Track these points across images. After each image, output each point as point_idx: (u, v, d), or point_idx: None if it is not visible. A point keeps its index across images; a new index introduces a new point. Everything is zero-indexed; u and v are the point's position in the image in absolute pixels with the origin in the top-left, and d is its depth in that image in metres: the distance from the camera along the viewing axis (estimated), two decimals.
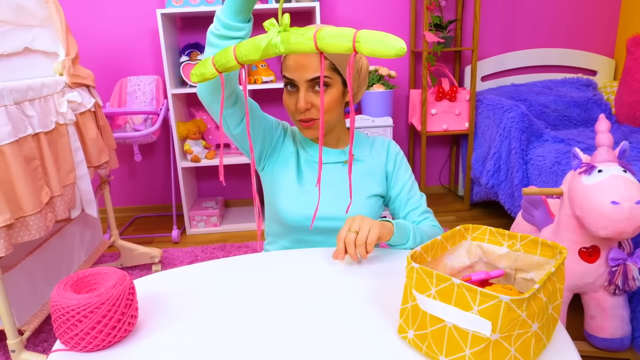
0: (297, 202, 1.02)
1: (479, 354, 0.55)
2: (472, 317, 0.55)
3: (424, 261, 0.70)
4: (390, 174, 1.09)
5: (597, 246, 1.31)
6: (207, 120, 2.70)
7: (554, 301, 0.63)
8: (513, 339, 0.55)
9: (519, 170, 2.21)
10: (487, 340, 0.55)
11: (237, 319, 0.73)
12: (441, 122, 2.66)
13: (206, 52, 0.85)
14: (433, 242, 0.72)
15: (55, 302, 0.66)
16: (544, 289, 0.59)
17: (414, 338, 0.62)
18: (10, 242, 1.30)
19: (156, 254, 2.18)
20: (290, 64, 0.94)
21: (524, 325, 0.56)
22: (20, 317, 1.49)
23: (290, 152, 1.07)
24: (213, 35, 0.83)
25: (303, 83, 0.94)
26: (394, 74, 2.62)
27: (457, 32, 2.77)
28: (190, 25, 2.71)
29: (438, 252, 0.73)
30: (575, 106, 2.61)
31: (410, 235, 0.95)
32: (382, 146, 1.11)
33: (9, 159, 1.29)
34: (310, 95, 0.95)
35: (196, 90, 0.94)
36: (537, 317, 0.57)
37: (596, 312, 1.42)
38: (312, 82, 0.93)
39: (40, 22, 1.85)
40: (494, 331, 0.54)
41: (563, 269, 0.64)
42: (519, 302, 0.54)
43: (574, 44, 2.88)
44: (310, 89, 0.95)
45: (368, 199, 1.05)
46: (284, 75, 0.97)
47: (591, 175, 1.21)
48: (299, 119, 0.97)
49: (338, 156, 1.07)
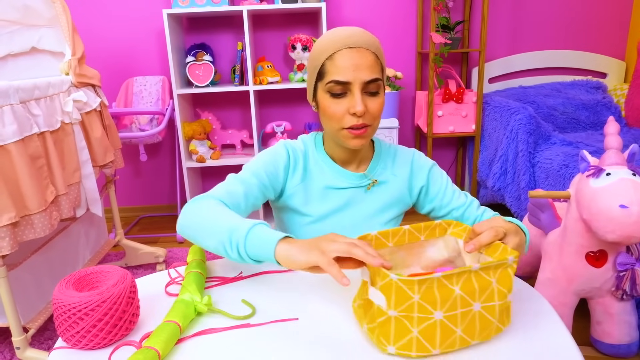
0: (312, 234, 0.95)
1: (382, 325, 0.61)
2: (375, 291, 0.61)
3: (383, 246, 0.73)
4: (424, 189, 1.01)
5: (604, 250, 1.30)
6: (212, 120, 2.70)
7: (486, 300, 0.62)
8: (415, 321, 0.60)
9: (526, 173, 2.19)
10: (386, 314, 0.60)
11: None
12: (447, 124, 2.64)
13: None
14: (397, 230, 0.73)
15: (57, 300, 0.66)
16: (464, 283, 0.61)
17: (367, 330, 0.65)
18: (15, 240, 1.31)
19: (161, 254, 2.19)
20: (343, 64, 0.85)
21: (422, 309, 0.60)
22: (25, 314, 1.49)
23: (297, 183, 0.97)
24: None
25: (359, 85, 0.85)
26: (401, 75, 2.61)
27: (464, 33, 2.75)
28: (197, 25, 2.72)
29: (405, 241, 0.74)
30: (584, 109, 2.58)
31: (528, 242, 0.83)
32: (406, 161, 1.01)
33: (15, 158, 1.29)
34: (365, 99, 0.87)
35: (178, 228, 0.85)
36: (442, 306, 0.60)
37: (603, 318, 1.41)
38: (369, 83, 0.86)
39: (47, 22, 1.86)
40: (389, 307, 0.60)
41: (509, 274, 0.63)
42: (409, 283, 0.58)
43: (583, 46, 2.85)
44: (364, 92, 0.87)
45: (387, 223, 1.00)
46: (333, 80, 0.86)
47: (599, 178, 1.19)
48: (351, 126, 0.87)
49: (359, 180, 0.98)
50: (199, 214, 0.82)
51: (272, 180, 0.94)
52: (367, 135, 0.90)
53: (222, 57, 2.76)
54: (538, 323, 0.70)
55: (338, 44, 0.86)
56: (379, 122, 0.92)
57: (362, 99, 0.86)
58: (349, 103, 0.87)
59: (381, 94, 0.89)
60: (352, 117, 0.87)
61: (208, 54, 2.54)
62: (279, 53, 2.78)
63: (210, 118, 2.71)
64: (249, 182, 0.91)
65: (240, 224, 0.75)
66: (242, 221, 0.76)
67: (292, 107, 2.87)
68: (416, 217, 2.12)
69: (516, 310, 0.73)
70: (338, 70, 0.85)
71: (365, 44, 0.86)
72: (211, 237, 0.77)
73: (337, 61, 0.86)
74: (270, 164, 0.95)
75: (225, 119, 2.87)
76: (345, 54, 0.85)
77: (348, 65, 0.85)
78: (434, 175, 1.01)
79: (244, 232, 0.73)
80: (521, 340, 0.65)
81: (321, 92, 0.90)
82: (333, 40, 0.87)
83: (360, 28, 0.90)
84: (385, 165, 1.00)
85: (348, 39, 0.86)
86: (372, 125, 0.89)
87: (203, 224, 0.80)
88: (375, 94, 0.88)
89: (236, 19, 2.69)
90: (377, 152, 1.01)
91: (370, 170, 0.99)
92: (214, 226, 0.78)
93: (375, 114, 0.88)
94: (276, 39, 2.75)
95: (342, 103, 0.87)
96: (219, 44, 2.74)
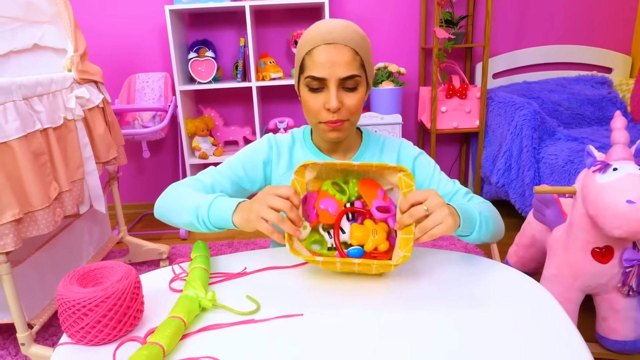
0: None
1: None
2: None
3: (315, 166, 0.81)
4: None
5: (610, 246, 1.29)
6: (215, 117, 2.70)
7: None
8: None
9: (531, 169, 2.18)
10: None
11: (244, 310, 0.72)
12: (451, 120, 2.63)
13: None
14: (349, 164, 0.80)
15: (61, 296, 0.65)
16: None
17: None
18: (19, 237, 1.31)
19: (164, 250, 2.19)
20: (320, 60, 0.86)
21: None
22: (29, 311, 1.49)
23: (283, 172, 1.00)
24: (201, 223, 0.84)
25: (335, 81, 0.87)
26: (404, 70, 2.59)
27: (468, 28, 2.73)
28: (199, 21, 2.71)
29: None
30: (589, 104, 2.57)
31: (475, 227, 0.83)
32: (393, 149, 1.02)
33: (18, 154, 1.29)
34: (340, 95, 0.88)
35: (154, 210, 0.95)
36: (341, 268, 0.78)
37: (608, 314, 1.40)
38: (345, 80, 0.87)
39: (49, 19, 1.86)
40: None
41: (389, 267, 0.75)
42: (323, 264, 0.77)
43: (588, 41, 2.83)
44: (341, 88, 0.88)
45: None
46: (310, 75, 0.88)
47: (606, 174, 1.18)
48: (327, 120, 0.90)
49: None
50: (170, 198, 0.92)
51: (249, 172, 1.00)
52: (344, 129, 0.92)
53: (225, 53, 2.75)
54: (544, 319, 0.69)
55: (317, 40, 0.87)
56: (359, 116, 0.94)
57: (339, 95, 0.88)
58: (325, 98, 0.89)
59: (360, 89, 0.90)
60: (328, 112, 0.89)
61: (210, 50, 2.53)
62: (281, 49, 2.77)
63: (213, 114, 2.70)
64: (222, 174, 0.98)
65: (202, 200, 0.84)
66: (204, 197, 0.84)
67: (295, 103, 2.86)
68: None
69: (522, 305, 0.73)
70: (315, 66, 0.87)
71: (343, 40, 0.86)
72: (182, 216, 0.86)
73: (315, 57, 0.87)
74: (249, 156, 1.01)
75: (228, 115, 2.86)
76: (323, 50, 0.86)
77: (324, 61, 0.86)
78: (420, 164, 1.02)
79: (205, 208, 0.82)
80: (527, 336, 0.65)
81: (302, 86, 0.92)
82: (313, 35, 0.88)
83: (345, 22, 0.89)
84: (373, 154, 1.02)
85: (327, 34, 0.86)
86: (350, 119, 0.91)
87: (174, 206, 0.89)
88: (353, 89, 0.89)
89: (238, 14, 2.68)
90: (364, 141, 1.03)
91: (355, 158, 1.01)
92: (183, 206, 0.86)
93: (353, 109, 0.90)
94: (279, 35, 2.74)
95: (319, 98, 0.89)
96: (221, 40, 2.73)
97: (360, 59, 0.88)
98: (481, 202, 0.95)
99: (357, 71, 0.88)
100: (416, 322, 0.69)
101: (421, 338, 0.65)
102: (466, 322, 0.69)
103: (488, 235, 0.87)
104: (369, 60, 0.92)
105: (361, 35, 0.89)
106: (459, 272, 0.83)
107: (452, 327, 0.67)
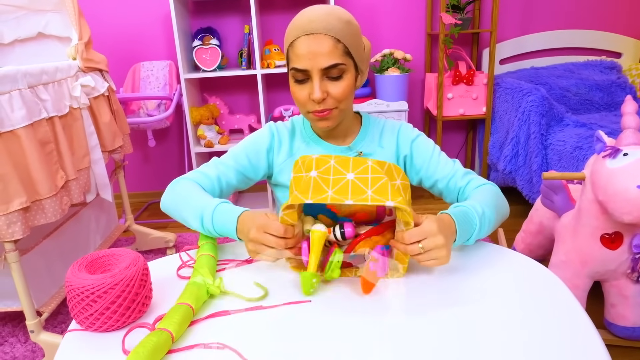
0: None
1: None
2: None
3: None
4: (407, 159, 1.01)
5: (620, 232, 1.28)
6: (220, 105, 2.69)
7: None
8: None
9: (538, 155, 2.16)
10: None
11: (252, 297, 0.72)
12: (458, 107, 2.61)
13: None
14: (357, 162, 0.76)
15: (70, 282, 0.65)
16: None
17: None
18: (27, 225, 1.31)
19: (171, 238, 2.20)
20: (301, 52, 0.86)
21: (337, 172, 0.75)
22: (38, 298, 1.51)
23: (284, 160, 1.01)
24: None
25: (317, 72, 0.86)
26: (410, 57, 2.57)
27: (475, 13, 2.69)
28: (203, 9, 2.69)
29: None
30: (598, 90, 2.53)
31: (474, 233, 0.82)
32: (392, 132, 1.02)
33: (24, 143, 1.29)
34: (325, 84, 0.88)
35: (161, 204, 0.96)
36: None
37: (617, 300, 1.39)
38: (327, 69, 0.86)
39: (53, 7, 1.85)
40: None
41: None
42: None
43: (597, 25, 2.78)
44: (325, 77, 0.88)
45: None
46: (293, 67, 0.88)
47: (616, 159, 1.17)
48: (313, 110, 0.90)
49: (344, 153, 0.99)
50: (176, 196, 0.93)
51: (253, 161, 1.00)
52: (332, 117, 0.91)
53: (229, 41, 2.73)
54: (555, 305, 0.69)
55: (297, 31, 0.86)
56: (348, 102, 0.93)
57: (323, 85, 0.87)
58: (310, 89, 0.88)
59: (346, 76, 0.89)
60: (314, 102, 0.89)
61: (215, 38, 2.51)
62: None
63: (218, 103, 2.69)
64: (226, 165, 0.98)
65: (205, 205, 0.86)
66: (207, 203, 0.86)
67: None
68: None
69: (532, 292, 0.72)
70: (297, 58, 0.87)
71: (324, 30, 0.84)
72: (188, 219, 0.88)
73: (296, 49, 0.87)
74: (252, 145, 1.01)
75: (233, 103, 2.85)
76: (303, 42, 0.85)
77: (305, 53, 0.85)
78: (419, 146, 1.01)
79: (209, 216, 0.84)
80: (538, 322, 0.64)
81: (290, 77, 0.92)
82: (294, 27, 0.88)
83: (328, 8, 0.87)
84: (373, 138, 1.02)
85: (307, 25, 0.85)
86: (338, 107, 0.91)
87: (179, 206, 0.90)
88: (338, 78, 0.88)
89: (243, 1, 2.65)
90: (364, 125, 1.02)
91: (355, 143, 1.00)
92: (187, 208, 0.88)
93: (339, 97, 0.89)
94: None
95: (304, 88, 0.89)
96: (225, 28, 2.71)
97: (343, 46, 0.86)
98: (482, 188, 0.92)
99: (340, 59, 0.86)
100: (427, 309, 0.69)
101: (432, 324, 0.65)
102: (477, 309, 0.68)
103: (489, 231, 0.86)
104: (356, 45, 0.89)
105: (345, 20, 0.87)
106: (468, 259, 0.83)
107: (464, 313, 0.67)
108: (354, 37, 0.88)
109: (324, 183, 0.73)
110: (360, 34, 0.91)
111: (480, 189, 0.92)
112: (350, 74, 0.89)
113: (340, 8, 0.89)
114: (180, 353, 0.61)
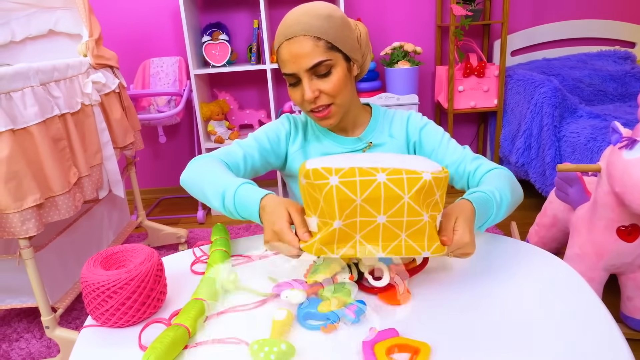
0: None
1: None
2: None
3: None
4: (417, 145, 1.00)
5: (637, 224, 1.26)
6: (229, 100, 2.69)
7: None
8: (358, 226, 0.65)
9: (551, 147, 2.13)
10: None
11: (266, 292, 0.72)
12: (469, 99, 2.58)
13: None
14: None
15: (86, 278, 0.66)
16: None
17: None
18: (41, 222, 1.33)
19: (182, 234, 2.21)
20: (285, 58, 0.87)
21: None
22: (52, 294, 1.52)
23: (297, 149, 1.01)
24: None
25: (304, 73, 0.87)
26: (420, 50, 2.54)
27: (485, 4, 2.66)
28: (212, 4, 2.68)
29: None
30: (611, 80, 2.49)
31: (489, 220, 0.80)
32: (402, 121, 1.02)
33: (37, 140, 1.30)
34: (315, 83, 0.88)
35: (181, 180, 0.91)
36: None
37: (634, 293, 1.37)
38: (313, 68, 0.86)
39: (63, 4, 1.85)
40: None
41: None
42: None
43: (610, 14, 2.73)
44: (314, 76, 0.88)
45: None
46: (283, 72, 0.90)
47: (633, 150, 1.14)
48: (311, 109, 0.91)
49: (354, 144, 1.00)
50: (198, 172, 0.89)
51: (274, 145, 1.00)
52: (332, 115, 0.92)
53: (238, 36, 2.73)
54: (572, 297, 0.68)
55: (280, 37, 0.88)
56: (344, 96, 0.91)
57: (313, 84, 0.88)
58: (302, 90, 0.89)
59: (335, 72, 0.88)
60: (308, 102, 0.89)
61: (224, 33, 2.51)
62: None
63: (228, 98, 2.69)
64: (249, 145, 0.97)
65: (228, 184, 0.81)
66: (230, 182, 0.81)
67: None
68: None
69: (549, 284, 0.71)
70: (283, 64, 0.89)
71: (302, 31, 0.85)
72: (208, 196, 0.83)
73: (281, 55, 0.89)
74: (273, 130, 1.01)
75: (243, 98, 2.85)
76: (285, 48, 0.87)
77: (288, 57, 0.87)
78: (428, 132, 1.00)
79: (231, 195, 0.79)
80: (556, 314, 0.64)
81: (286, 81, 0.93)
82: (278, 34, 0.89)
83: (306, 7, 0.87)
84: (383, 129, 1.02)
85: (287, 30, 0.87)
86: (335, 102, 0.90)
87: (201, 182, 0.86)
88: (327, 74, 0.88)
89: None
90: (374, 116, 1.03)
91: (366, 134, 1.01)
92: (209, 185, 0.84)
93: (331, 92, 0.89)
94: None
95: (298, 90, 0.90)
96: (234, 23, 2.70)
97: (324, 42, 0.86)
98: (496, 173, 0.90)
99: (323, 56, 0.86)
100: (444, 300, 0.68)
101: (450, 317, 0.64)
102: (494, 301, 0.68)
103: (503, 218, 0.84)
104: (342, 37, 0.88)
105: (324, 16, 0.86)
106: (484, 252, 0.82)
107: (482, 306, 0.67)
108: (338, 29, 0.87)
109: (351, 229, 0.65)
110: (347, 24, 0.90)
111: (493, 173, 0.90)
112: (339, 67, 0.89)
113: (321, 3, 0.89)
114: (197, 348, 0.61)
